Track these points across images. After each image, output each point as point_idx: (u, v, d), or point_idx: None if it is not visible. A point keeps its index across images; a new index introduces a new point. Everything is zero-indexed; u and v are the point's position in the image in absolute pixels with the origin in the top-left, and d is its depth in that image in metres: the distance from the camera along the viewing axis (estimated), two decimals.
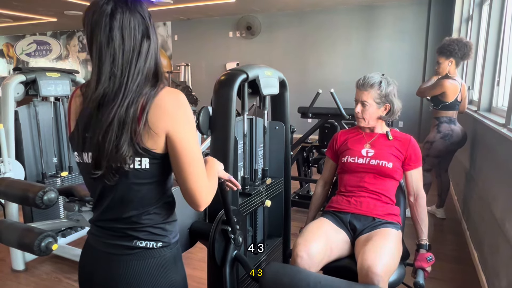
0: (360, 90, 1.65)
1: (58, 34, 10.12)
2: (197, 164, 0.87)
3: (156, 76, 0.87)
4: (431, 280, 2.25)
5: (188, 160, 0.85)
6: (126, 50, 0.82)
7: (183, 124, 0.84)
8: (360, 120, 1.69)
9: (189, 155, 0.85)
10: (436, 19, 6.39)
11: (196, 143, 0.88)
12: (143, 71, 0.84)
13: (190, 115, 0.87)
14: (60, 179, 2.67)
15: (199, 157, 0.88)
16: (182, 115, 0.85)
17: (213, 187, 0.96)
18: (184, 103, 0.86)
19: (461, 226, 3.14)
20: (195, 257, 2.48)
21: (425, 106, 6.71)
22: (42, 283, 2.33)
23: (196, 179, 0.87)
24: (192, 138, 0.87)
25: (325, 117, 3.43)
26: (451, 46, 2.87)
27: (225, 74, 1.40)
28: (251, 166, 1.68)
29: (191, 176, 0.86)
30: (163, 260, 0.91)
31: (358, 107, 1.67)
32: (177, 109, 0.84)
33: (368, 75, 1.65)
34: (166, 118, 0.83)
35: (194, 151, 0.87)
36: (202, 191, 0.88)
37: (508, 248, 1.79)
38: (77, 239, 2.78)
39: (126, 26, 0.82)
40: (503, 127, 2.14)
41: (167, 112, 0.83)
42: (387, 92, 1.62)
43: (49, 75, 2.49)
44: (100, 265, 0.92)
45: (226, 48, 8.01)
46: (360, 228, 1.55)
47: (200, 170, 0.88)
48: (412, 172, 1.64)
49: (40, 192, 1.86)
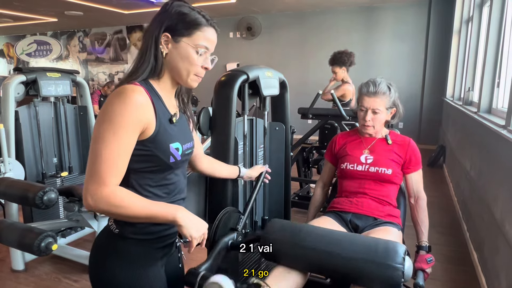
0: (371, 98, 1.58)
1: (58, 34, 10.12)
2: (93, 160, 0.84)
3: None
4: (431, 281, 2.25)
5: (90, 151, 0.86)
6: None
7: (99, 116, 0.87)
8: (369, 128, 1.62)
9: (91, 147, 0.86)
10: (436, 20, 6.40)
11: (104, 141, 0.83)
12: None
13: (110, 110, 0.85)
14: (60, 179, 2.67)
15: (98, 155, 0.84)
16: (102, 109, 0.87)
17: (119, 203, 0.85)
18: (111, 98, 0.87)
19: (461, 227, 3.13)
20: (196, 258, 2.47)
21: (425, 107, 6.71)
22: (42, 283, 2.33)
23: (88, 176, 0.85)
24: (99, 132, 0.84)
25: (325, 118, 3.43)
26: (342, 57, 3.48)
27: (226, 75, 1.40)
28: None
29: (87, 169, 0.86)
30: (111, 245, 0.97)
31: (369, 115, 1.59)
32: (106, 102, 0.87)
33: (375, 82, 1.59)
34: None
35: (95, 147, 0.84)
36: (88, 191, 0.84)
37: (508, 249, 1.79)
38: (77, 239, 2.78)
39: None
40: (503, 129, 2.14)
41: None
42: (395, 97, 1.61)
43: (49, 75, 2.49)
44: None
45: (227, 49, 8.02)
46: (361, 226, 1.55)
47: (94, 168, 0.84)
48: (413, 175, 1.63)
49: (40, 192, 1.86)
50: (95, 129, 0.86)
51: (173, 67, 0.95)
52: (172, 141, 0.94)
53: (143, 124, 0.88)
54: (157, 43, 0.92)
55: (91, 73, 10.06)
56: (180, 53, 0.93)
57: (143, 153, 0.90)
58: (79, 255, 2.47)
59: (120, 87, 0.88)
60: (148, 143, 0.90)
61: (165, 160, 0.93)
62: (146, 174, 0.93)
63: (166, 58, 0.94)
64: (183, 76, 0.95)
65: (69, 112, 2.75)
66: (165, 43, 0.93)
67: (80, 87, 2.83)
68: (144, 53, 0.92)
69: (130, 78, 0.91)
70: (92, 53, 9.89)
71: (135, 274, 0.96)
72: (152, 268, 0.99)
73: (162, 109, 0.93)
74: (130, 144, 0.87)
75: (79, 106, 2.84)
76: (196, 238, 0.93)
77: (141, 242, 0.97)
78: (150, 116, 0.89)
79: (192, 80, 0.97)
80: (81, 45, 9.94)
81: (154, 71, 0.93)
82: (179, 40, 0.92)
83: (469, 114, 3.34)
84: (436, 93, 6.54)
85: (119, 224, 0.95)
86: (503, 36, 2.92)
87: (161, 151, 0.92)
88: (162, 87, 0.96)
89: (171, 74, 0.96)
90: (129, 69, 0.94)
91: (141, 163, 0.91)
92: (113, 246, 0.96)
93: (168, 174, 0.96)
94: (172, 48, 0.93)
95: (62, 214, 2.70)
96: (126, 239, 0.95)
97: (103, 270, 0.97)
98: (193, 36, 0.93)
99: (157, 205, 0.91)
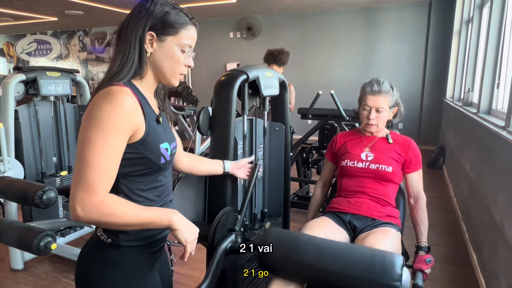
0: (375, 96, 1.60)
1: (58, 33, 10.12)
2: (81, 167, 0.79)
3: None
4: (430, 282, 2.25)
5: (76, 157, 0.82)
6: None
7: (85, 120, 0.82)
8: (373, 127, 1.63)
9: (77, 152, 0.82)
10: (436, 21, 6.40)
11: (93, 146, 0.79)
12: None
13: (98, 114, 0.81)
14: (59, 179, 2.66)
15: (87, 161, 0.79)
16: (88, 112, 0.83)
17: (111, 211, 0.81)
18: (97, 101, 0.82)
19: (460, 228, 3.14)
20: (194, 257, 2.47)
21: (425, 108, 6.71)
22: (41, 283, 2.32)
23: (76, 184, 0.80)
24: (87, 137, 0.80)
25: (325, 118, 3.43)
26: (280, 56, 3.30)
27: (226, 75, 1.40)
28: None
29: (73, 176, 0.81)
30: (105, 256, 0.92)
31: (372, 113, 1.61)
32: (91, 104, 0.83)
33: (379, 81, 1.61)
34: (85, 111, 0.84)
35: (83, 153, 0.80)
36: (76, 200, 0.79)
37: (508, 251, 1.79)
38: (76, 239, 2.78)
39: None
40: (502, 130, 2.14)
41: (88, 106, 0.85)
42: (397, 96, 1.63)
43: (49, 74, 2.48)
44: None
45: (227, 49, 8.02)
46: (360, 227, 1.55)
47: (82, 176, 0.79)
48: (413, 175, 1.64)
49: (40, 192, 1.86)
50: (81, 134, 0.81)
51: (158, 67, 0.92)
52: (162, 141, 0.92)
53: (133, 127, 0.85)
54: (141, 42, 0.89)
55: (91, 72, 10.06)
56: (166, 52, 0.91)
57: (133, 157, 0.87)
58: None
59: (105, 89, 0.84)
60: (138, 145, 0.87)
61: (156, 162, 0.91)
62: (136, 178, 0.90)
63: (150, 57, 0.91)
64: (167, 75, 0.94)
65: (69, 112, 2.75)
66: (149, 42, 0.90)
67: (80, 87, 2.83)
68: (127, 52, 0.88)
69: (114, 79, 0.87)
70: (92, 53, 9.88)
71: (135, 283, 0.94)
72: (150, 275, 0.97)
73: (148, 110, 0.91)
74: (120, 149, 0.83)
75: (79, 105, 2.84)
76: (190, 242, 0.92)
77: (136, 249, 0.94)
78: (140, 118, 0.87)
79: (176, 79, 0.95)
80: (81, 44, 9.94)
81: (138, 71, 0.90)
82: (164, 39, 0.90)
83: (469, 115, 3.34)
84: (436, 94, 6.54)
85: (110, 233, 0.91)
86: (503, 37, 2.92)
87: (152, 153, 0.89)
88: (145, 87, 0.93)
89: (154, 73, 0.94)
90: (112, 70, 0.88)
91: (132, 167, 0.88)
92: (107, 257, 0.92)
93: (158, 176, 0.94)
94: (157, 47, 0.91)
95: (62, 213, 2.70)
96: (120, 248, 0.92)
97: (100, 283, 0.91)
98: (178, 35, 0.91)
99: (150, 210, 0.88)
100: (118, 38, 0.91)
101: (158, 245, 1.00)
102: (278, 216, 1.75)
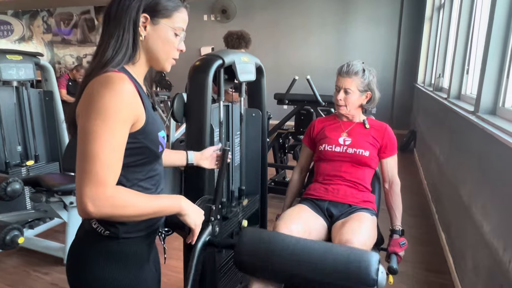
0: (343, 77, 1.63)
1: (20, 13, 9.53)
2: (87, 160, 0.75)
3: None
4: (402, 263, 2.32)
5: (78, 150, 0.77)
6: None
7: (85, 110, 0.78)
8: (342, 108, 1.67)
9: (79, 145, 0.77)
10: (409, 6, 6.49)
11: (98, 138, 0.75)
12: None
13: (101, 103, 0.76)
14: (25, 169, 2.54)
15: (93, 154, 0.75)
16: (89, 101, 0.78)
17: (124, 203, 0.79)
18: (97, 89, 0.78)
19: (430, 210, 3.26)
20: (170, 246, 2.41)
21: (397, 93, 6.86)
22: (9, 277, 2.23)
23: (81, 179, 0.75)
24: (91, 128, 0.76)
25: (301, 104, 3.44)
26: (246, 38, 2.78)
27: (200, 60, 1.35)
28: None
29: (77, 171, 0.76)
30: (104, 249, 0.88)
31: (340, 94, 1.64)
32: (90, 93, 0.79)
33: (351, 63, 1.63)
34: (82, 100, 0.80)
35: (87, 145, 0.76)
36: (86, 196, 0.75)
37: (475, 231, 1.88)
38: (47, 230, 2.68)
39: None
40: (472, 114, 2.21)
41: (84, 95, 0.80)
42: (369, 81, 1.64)
43: (10, 57, 2.33)
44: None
45: (201, 32, 7.83)
46: (336, 214, 1.57)
47: (89, 170, 0.75)
48: (388, 160, 1.67)
49: (3, 183, 1.77)
50: (83, 125, 0.77)
51: (151, 51, 0.89)
52: (159, 129, 0.90)
53: (135, 116, 0.82)
54: (135, 25, 0.85)
55: (57, 55, 9.58)
56: (160, 36, 0.88)
57: (134, 146, 0.84)
58: (49, 246, 2.38)
59: (102, 76, 0.79)
60: (139, 134, 0.84)
61: (155, 150, 0.89)
62: (135, 168, 0.87)
63: (143, 41, 0.87)
64: (161, 60, 0.91)
65: (33, 97, 2.60)
66: (143, 25, 0.86)
67: (45, 71, 2.68)
68: (121, 36, 0.84)
69: (107, 65, 0.82)
70: (58, 35, 9.40)
71: (137, 275, 0.91)
72: (148, 266, 0.96)
73: (145, 97, 0.88)
74: (125, 139, 0.80)
75: (45, 91, 2.70)
76: (198, 225, 0.95)
77: (135, 240, 0.91)
78: (140, 106, 0.83)
79: (169, 63, 0.93)
80: (46, 25, 9.42)
81: (132, 56, 0.86)
82: (158, 22, 0.87)
83: (439, 100, 3.44)
84: (408, 79, 6.70)
85: (108, 225, 0.87)
86: (473, 24, 2.99)
87: (151, 141, 0.87)
88: (138, 72, 0.90)
89: (146, 58, 0.90)
90: (106, 55, 0.83)
91: (132, 157, 0.84)
92: (107, 251, 0.88)
93: (155, 165, 0.92)
94: (151, 30, 0.87)
95: (29, 204, 2.58)
96: (119, 240, 0.88)
97: (102, 277, 0.88)
98: (172, 18, 0.89)
99: (160, 198, 0.89)
100: (108, 20, 0.86)
101: (152, 235, 0.99)
102: (255, 194, 1.74)
